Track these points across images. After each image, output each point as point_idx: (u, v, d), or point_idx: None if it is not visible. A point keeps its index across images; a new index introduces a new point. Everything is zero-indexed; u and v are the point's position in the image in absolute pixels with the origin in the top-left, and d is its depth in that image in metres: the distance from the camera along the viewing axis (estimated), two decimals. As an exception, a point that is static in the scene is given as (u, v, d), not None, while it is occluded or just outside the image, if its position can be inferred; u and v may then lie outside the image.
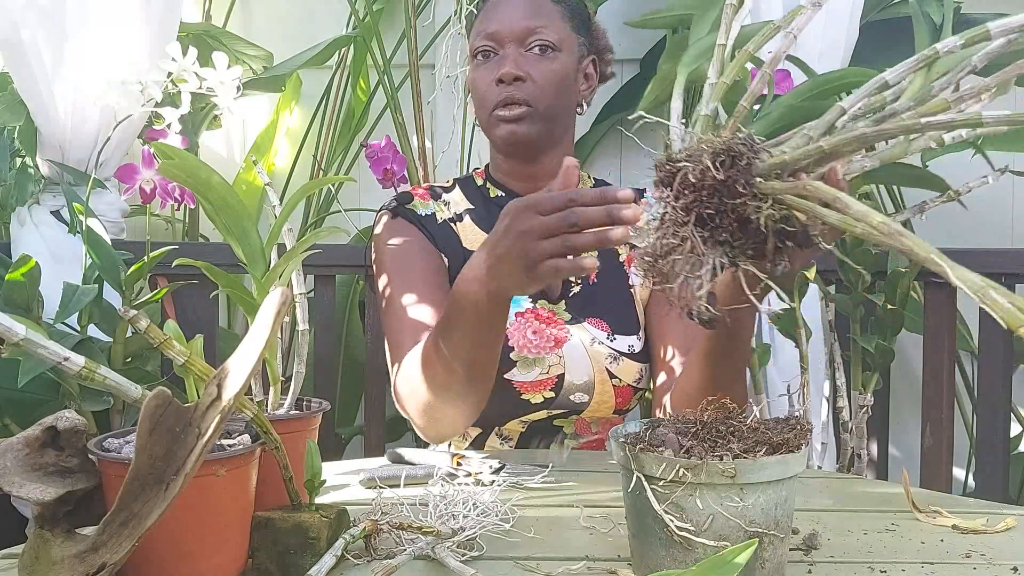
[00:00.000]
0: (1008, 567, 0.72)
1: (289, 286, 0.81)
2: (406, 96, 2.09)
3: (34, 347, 0.61)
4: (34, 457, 0.63)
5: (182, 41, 1.25)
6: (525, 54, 1.18)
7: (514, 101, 1.17)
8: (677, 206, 0.72)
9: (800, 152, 0.70)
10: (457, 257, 1.23)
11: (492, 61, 1.20)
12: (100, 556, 0.58)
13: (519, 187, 1.27)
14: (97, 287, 1.40)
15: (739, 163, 0.70)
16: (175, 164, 0.77)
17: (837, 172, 0.76)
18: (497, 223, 0.84)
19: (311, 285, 1.76)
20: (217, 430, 0.58)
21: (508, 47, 1.18)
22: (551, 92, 1.18)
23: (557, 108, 1.20)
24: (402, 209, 1.25)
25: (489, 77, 1.19)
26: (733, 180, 0.70)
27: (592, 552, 0.75)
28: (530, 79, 1.17)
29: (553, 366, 1.18)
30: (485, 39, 1.20)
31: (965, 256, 1.54)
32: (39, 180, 1.70)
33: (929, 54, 0.71)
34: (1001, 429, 1.54)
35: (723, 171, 0.69)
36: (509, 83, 1.17)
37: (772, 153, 0.72)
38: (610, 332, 1.22)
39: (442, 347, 0.96)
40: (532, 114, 1.18)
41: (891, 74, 0.74)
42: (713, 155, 0.70)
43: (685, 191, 0.72)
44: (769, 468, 0.63)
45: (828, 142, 0.70)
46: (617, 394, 1.21)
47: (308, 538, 0.69)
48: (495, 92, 1.18)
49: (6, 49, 1.61)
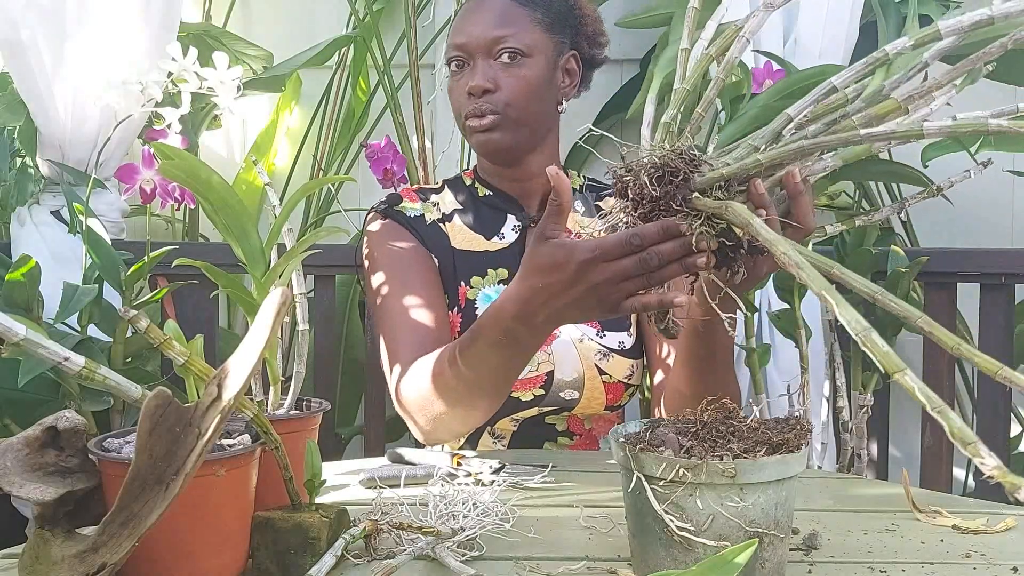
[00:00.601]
0: (1008, 567, 0.72)
1: (289, 286, 0.81)
2: (406, 96, 2.09)
3: (34, 347, 0.61)
4: (34, 457, 0.63)
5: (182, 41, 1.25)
6: (493, 63, 1.18)
7: (482, 112, 1.18)
8: (635, 216, 0.73)
9: (738, 165, 0.71)
10: (447, 257, 1.24)
11: (464, 71, 1.21)
12: (100, 556, 0.58)
13: (507, 187, 1.28)
14: (97, 287, 1.40)
15: (675, 179, 0.70)
16: (175, 164, 0.77)
17: (795, 176, 0.76)
18: (550, 273, 0.80)
19: (311, 285, 1.76)
20: (217, 430, 0.58)
21: (477, 58, 1.19)
22: (522, 99, 1.19)
23: (530, 113, 1.20)
24: (392, 211, 1.26)
25: (461, 88, 1.20)
26: (669, 196, 0.70)
27: (592, 552, 0.75)
28: (499, 88, 1.18)
29: (542, 363, 1.19)
30: (455, 50, 1.21)
31: (965, 256, 1.55)
32: (39, 180, 1.70)
33: (879, 56, 0.71)
34: (1001, 429, 1.54)
35: (660, 187, 0.70)
36: (478, 96, 1.18)
37: (713, 166, 0.72)
38: (600, 329, 1.22)
39: (463, 368, 0.95)
40: (503, 122, 1.18)
41: (839, 79, 0.74)
42: (651, 170, 0.70)
43: (641, 202, 0.72)
44: (769, 468, 0.63)
45: (766, 155, 0.70)
46: (607, 390, 1.21)
47: (308, 538, 0.69)
48: (466, 103, 1.19)
49: (6, 49, 1.61)
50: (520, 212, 1.27)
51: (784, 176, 0.76)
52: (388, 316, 1.17)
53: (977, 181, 1.25)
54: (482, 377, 0.95)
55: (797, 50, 1.68)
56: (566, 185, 0.79)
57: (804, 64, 1.57)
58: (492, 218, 1.27)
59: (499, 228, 1.27)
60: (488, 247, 1.25)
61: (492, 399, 1.00)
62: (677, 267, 0.74)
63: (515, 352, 0.92)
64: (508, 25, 1.18)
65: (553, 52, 1.22)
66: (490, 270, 1.24)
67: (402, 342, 1.13)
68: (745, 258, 0.75)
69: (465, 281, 1.23)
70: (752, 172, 0.71)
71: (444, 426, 1.05)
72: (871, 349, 0.50)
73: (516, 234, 1.26)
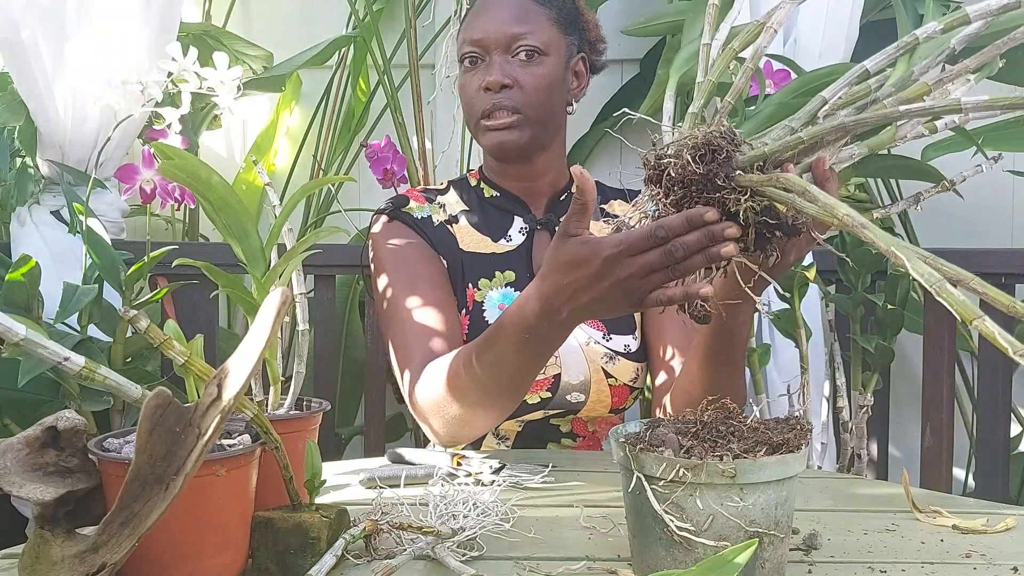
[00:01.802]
0: (1008, 567, 0.72)
1: (289, 286, 0.81)
2: (406, 96, 2.09)
3: (34, 347, 0.61)
4: (34, 457, 0.63)
5: (182, 41, 1.25)
6: (511, 60, 1.18)
7: (502, 108, 1.18)
8: (667, 202, 0.73)
9: (780, 143, 0.71)
10: (455, 259, 1.23)
11: (479, 68, 1.20)
12: (100, 556, 0.58)
13: (513, 187, 1.27)
14: (97, 287, 1.40)
15: (718, 157, 0.70)
16: (175, 164, 0.77)
17: (824, 162, 0.76)
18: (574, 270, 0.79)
19: (311, 285, 1.76)
20: (217, 430, 0.58)
21: (494, 54, 1.18)
22: (539, 97, 1.19)
23: (546, 112, 1.20)
24: (399, 212, 1.25)
25: (476, 84, 1.19)
26: (713, 174, 0.70)
27: (592, 552, 0.75)
28: (517, 86, 1.18)
29: (550, 366, 1.18)
30: (471, 45, 1.20)
31: (965, 256, 1.55)
32: (39, 180, 1.70)
33: (909, 40, 0.72)
34: (1001, 429, 1.54)
35: (703, 165, 0.70)
36: (496, 91, 1.17)
37: (753, 146, 0.72)
38: (606, 332, 1.22)
39: (481, 370, 0.95)
40: (522, 121, 1.18)
41: (871, 62, 0.74)
42: (693, 149, 0.70)
43: (673, 187, 0.72)
44: (769, 468, 0.63)
45: (808, 132, 0.70)
46: (613, 393, 1.21)
47: (308, 538, 0.69)
48: (482, 99, 1.18)
49: (6, 49, 1.61)
50: (527, 214, 1.27)
51: (813, 163, 0.76)
52: (398, 319, 1.16)
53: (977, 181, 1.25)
54: (501, 379, 0.95)
55: (797, 50, 1.69)
56: (590, 184, 0.78)
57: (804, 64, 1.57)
58: (499, 220, 1.27)
59: (506, 230, 1.26)
60: (495, 249, 1.25)
61: (509, 400, 0.99)
62: (702, 258, 0.73)
63: (537, 351, 0.91)
64: (526, 22, 1.18)
65: (566, 52, 1.23)
66: (497, 272, 1.23)
67: (414, 345, 1.12)
68: (779, 240, 0.75)
69: (473, 283, 1.22)
70: (796, 150, 0.71)
71: (460, 428, 1.05)
72: (946, 299, 0.51)
73: (524, 236, 1.26)
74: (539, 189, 1.28)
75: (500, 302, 1.20)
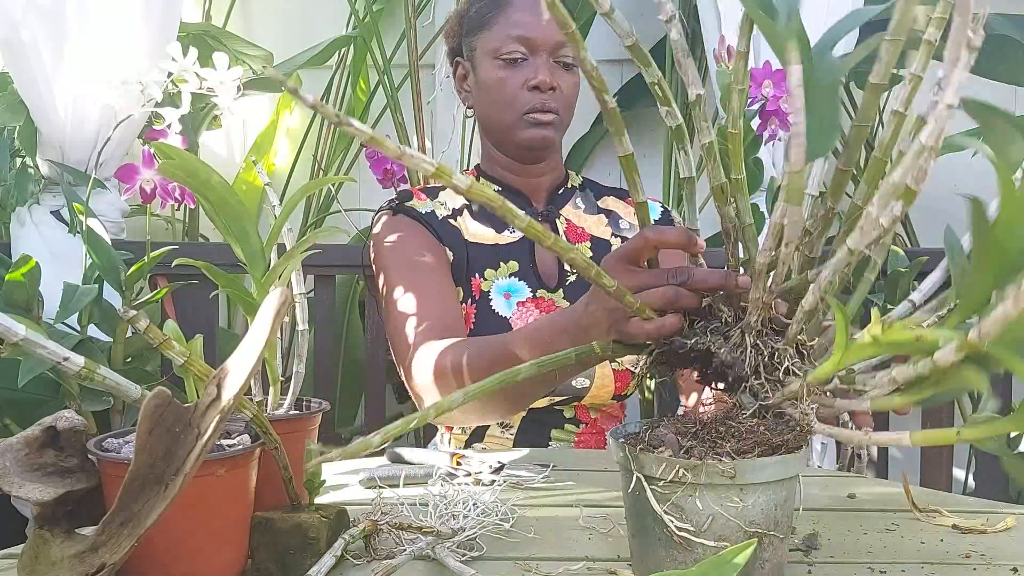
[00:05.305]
0: (1008, 567, 0.72)
1: (289, 286, 0.81)
2: (406, 96, 2.09)
3: (34, 347, 0.61)
4: (34, 457, 0.63)
5: (182, 41, 1.25)
6: (554, 64, 1.24)
7: (548, 109, 1.23)
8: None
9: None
10: (460, 249, 1.26)
11: (522, 65, 1.23)
12: (100, 556, 0.58)
13: (515, 181, 1.31)
14: (97, 287, 1.40)
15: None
16: (175, 164, 0.77)
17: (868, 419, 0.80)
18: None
19: (311, 285, 1.76)
20: (217, 430, 0.58)
21: (540, 55, 1.23)
22: (572, 103, 1.27)
23: (571, 118, 1.29)
24: (403, 207, 1.27)
25: (519, 80, 1.23)
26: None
27: (592, 552, 0.75)
28: (559, 90, 1.24)
29: None
30: (518, 43, 1.23)
31: (965, 256, 1.55)
32: (39, 180, 1.70)
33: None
34: (1001, 429, 1.54)
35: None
36: (545, 91, 1.22)
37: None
38: None
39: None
40: (557, 122, 1.25)
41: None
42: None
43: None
44: (769, 468, 0.63)
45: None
46: (617, 378, 1.23)
47: (308, 538, 0.69)
48: (527, 97, 1.23)
49: (6, 49, 1.61)
50: (529, 206, 1.31)
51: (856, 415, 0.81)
52: (400, 309, 1.18)
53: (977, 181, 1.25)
54: (509, 395, 0.96)
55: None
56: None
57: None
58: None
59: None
60: (499, 240, 1.28)
61: (511, 413, 1.01)
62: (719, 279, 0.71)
63: (559, 375, 0.93)
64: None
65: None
66: (502, 263, 1.26)
67: (416, 336, 1.13)
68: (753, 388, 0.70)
69: (479, 273, 1.25)
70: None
71: (466, 419, 1.08)
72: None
73: None
74: (541, 184, 1.33)
75: (506, 291, 1.24)
